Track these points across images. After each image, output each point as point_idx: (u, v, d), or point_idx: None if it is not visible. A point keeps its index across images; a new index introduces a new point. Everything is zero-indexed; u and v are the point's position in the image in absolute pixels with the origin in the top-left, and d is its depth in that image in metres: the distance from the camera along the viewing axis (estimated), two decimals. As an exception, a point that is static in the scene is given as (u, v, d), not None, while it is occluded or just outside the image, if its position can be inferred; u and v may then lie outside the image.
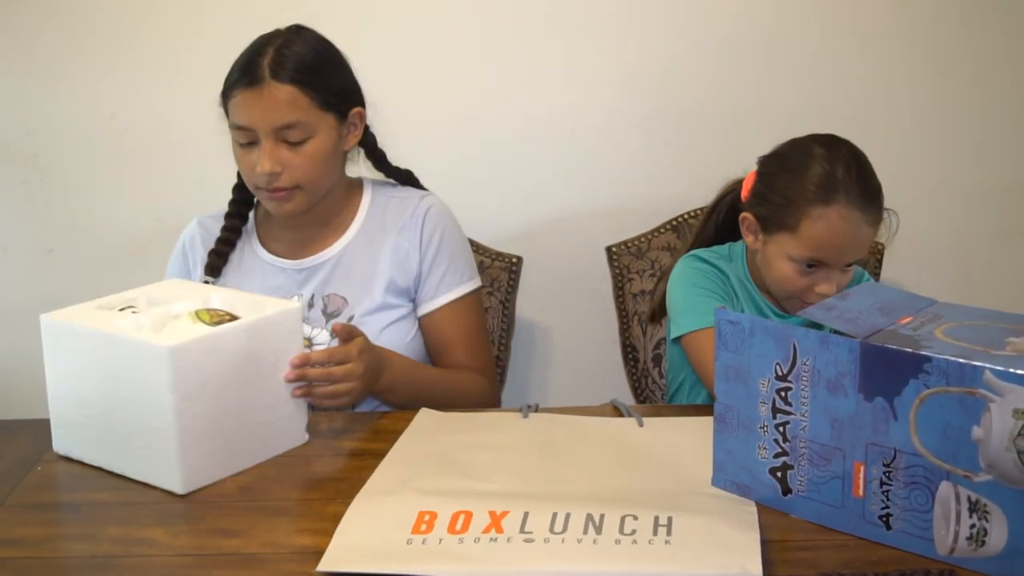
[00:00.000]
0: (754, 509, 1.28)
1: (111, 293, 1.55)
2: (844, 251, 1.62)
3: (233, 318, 1.43)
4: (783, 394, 1.27)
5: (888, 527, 1.21)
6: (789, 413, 1.27)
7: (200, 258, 1.84)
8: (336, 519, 1.26)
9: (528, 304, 2.28)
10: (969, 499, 1.14)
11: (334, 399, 1.51)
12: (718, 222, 1.83)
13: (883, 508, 1.21)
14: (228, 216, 1.83)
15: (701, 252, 1.79)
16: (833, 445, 1.24)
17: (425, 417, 1.57)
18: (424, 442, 1.48)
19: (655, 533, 1.21)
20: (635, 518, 1.24)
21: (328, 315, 1.77)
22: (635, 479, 1.37)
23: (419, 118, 1.86)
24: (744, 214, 1.71)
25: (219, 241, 1.82)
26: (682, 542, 1.19)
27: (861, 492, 1.23)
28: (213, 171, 2.29)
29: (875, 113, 2.30)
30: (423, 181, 1.91)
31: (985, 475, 1.13)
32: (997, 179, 2.37)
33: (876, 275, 2.08)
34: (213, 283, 1.77)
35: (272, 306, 1.47)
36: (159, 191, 2.34)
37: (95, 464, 1.43)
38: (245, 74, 1.67)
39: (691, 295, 1.72)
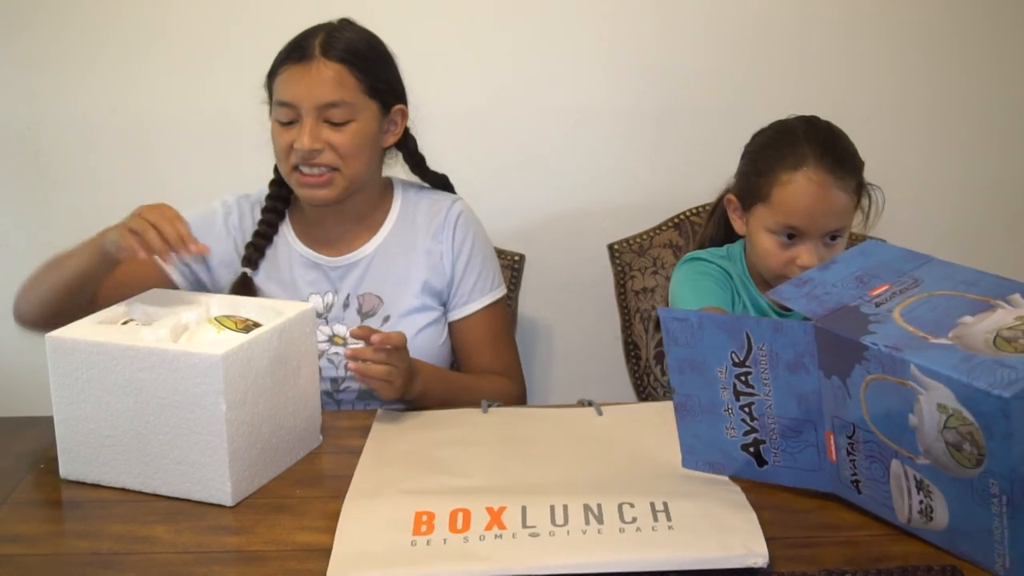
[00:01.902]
0: (739, 488, 1.32)
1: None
2: (817, 216, 1.63)
3: (256, 324, 1.42)
4: (743, 378, 1.30)
5: (859, 491, 1.26)
6: (752, 394, 1.30)
7: (237, 239, 1.82)
8: (339, 516, 1.26)
9: (530, 301, 2.28)
10: (915, 478, 1.18)
11: (380, 381, 1.52)
12: (719, 220, 1.83)
13: (852, 475, 1.26)
14: (265, 211, 1.82)
15: (701, 253, 1.80)
16: (803, 418, 1.28)
17: (386, 416, 1.57)
18: (394, 441, 1.49)
19: (656, 519, 1.23)
20: (632, 506, 1.25)
21: (363, 315, 1.77)
22: (615, 465, 1.39)
23: (420, 116, 1.86)
24: (728, 196, 1.75)
25: (256, 235, 1.80)
26: (684, 527, 1.21)
27: (835, 457, 1.27)
28: (215, 166, 2.31)
29: (875, 107, 2.31)
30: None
31: (924, 459, 1.15)
32: (994, 172, 2.37)
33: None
34: (252, 275, 1.76)
35: (290, 308, 1.45)
36: (161, 186, 2.33)
37: (117, 486, 1.38)
38: (295, 51, 1.68)
39: (692, 283, 1.74)
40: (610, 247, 2.12)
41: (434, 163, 1.89)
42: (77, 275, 1.62)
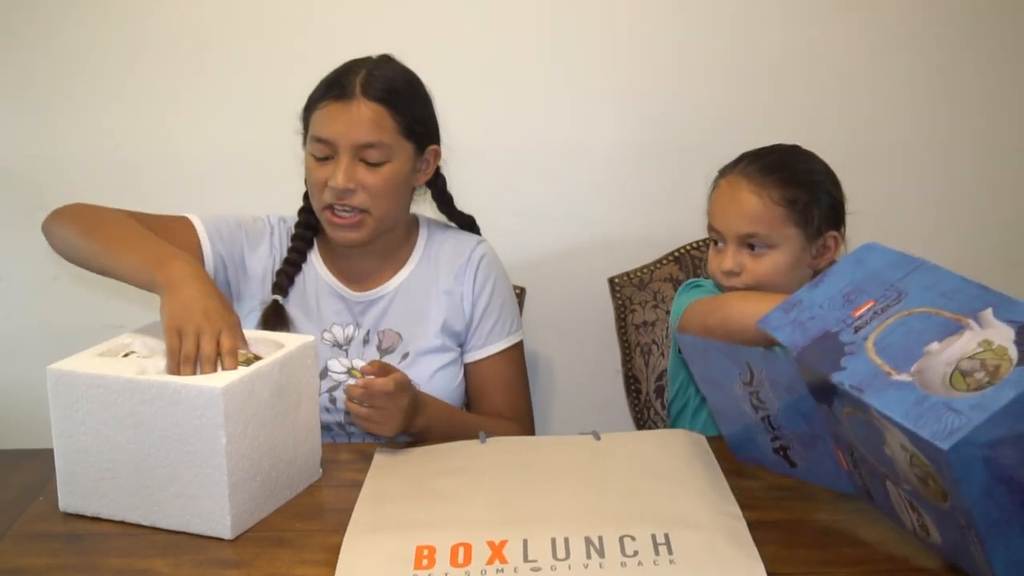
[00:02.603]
0: (740, 514, 1.32)
1: (115, 324, 1.55)
2: (726, 219, 1.68)
3: (257, 357, 1.42)
4: (755, 395, 1.35)
5: (871, 498, 1.30)
6: (766, 409, 1.35)
7: (276, 259, 1.82)
8: (339, 550, 1.25)
9: (531, 334, 2.27)
10: (907, 499, 1.20)
11: (368, 423, 1.53)
12: None
13: (863, 484, 1.29)
14: (295, 238, 1.82)
15: (701, 280, 1.82)
16: (812, 432, 1.32)
17: (386, 450, 1.57)
18: (394, 474, 1.48)
19: (657, 553, 1.22)
20: (633, 539, 1.25)
21: (383, 351, 1.77)
22: (615, 492, 1.39)
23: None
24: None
25: (287, 262, 1.80)
26: (685, 560, 1.21)
27: (847, 466, 1.31)
28: (218, 202, 2.31)
29: (878, 143, 2.32)
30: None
31: (907, 484, 1.17)
32: (1007, 211, 2.38)
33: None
34: (283, 302, 1.76)
35: (291, 341, 1.45)
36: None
37: (117, 519, 1.38)
38: (334, 88, 1.68)
39: (690, 295, 1.75)
40: (610, 281, 2.13)
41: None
42: (117, 277, 1.60)
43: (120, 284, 2.28)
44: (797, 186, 1.67)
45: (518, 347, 1.86)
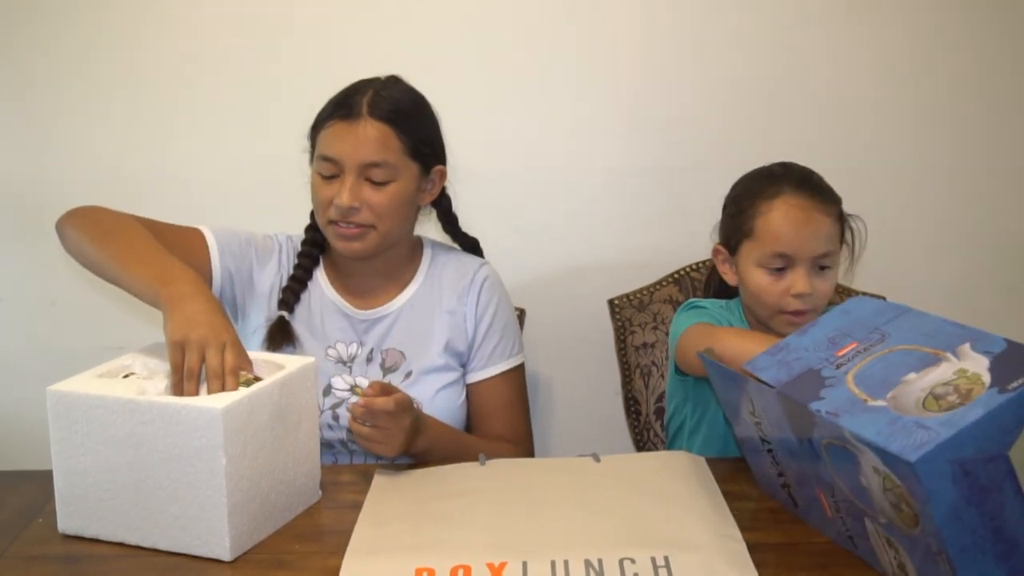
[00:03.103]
0: (740, 536, 1.32)
1: (114, 346, 1.55)
2: (803, 239, 1.64)
3: (256, 378, 1.42)
4: (759, 428, 1.36)
5: (855, 546, 1.28)
6: (768, 443, 1.36)
7: (283, 276, 1.83)
8: (338, 572, 1.25)
9: (531, 355, 2.27)
10: (884, 536, 1.19)
11: (370, 443, 1.53)
12: (718, 279, 1.84)
13: (846, 530, 1.28)
14: (301, 255, 1.83)
15: (701, 301, 1.82)
16: (801, 473, 1.32)
17: (385, 471, 1.57)
18: (393, 496, 1.48)
19: (657, 575, 1.22)
20: (633, 561, 1.25)
21: (386, 369, 1.78)
22: (615, 514, 1.38)
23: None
24: (715, 247, 1.77)
25: (292, 279, 1.81)
26: None
27: (830, 514, 1.30)
28: (216, 219, 2.31)
29: (873, 164, 2.32)
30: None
31: (882, 517, 1.17)
32: (1004, 234, 2.39)
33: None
34: (289, 319, 1.77)
35: (291, 362, 1.45)
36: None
37: (116, 540, 1.37)
38: (341, 108, 1.70)
39: (688, 320, 1.75)
40: (610, 302, 2.13)
41: (435, 217, 1.90)
42: (123, 288, 1.59)
43: (120, 306, 2.31)
44: (837, 201, 1.70)
45: (519, 369, 1.87)
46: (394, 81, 1.76)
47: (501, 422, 1.83)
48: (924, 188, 2.35)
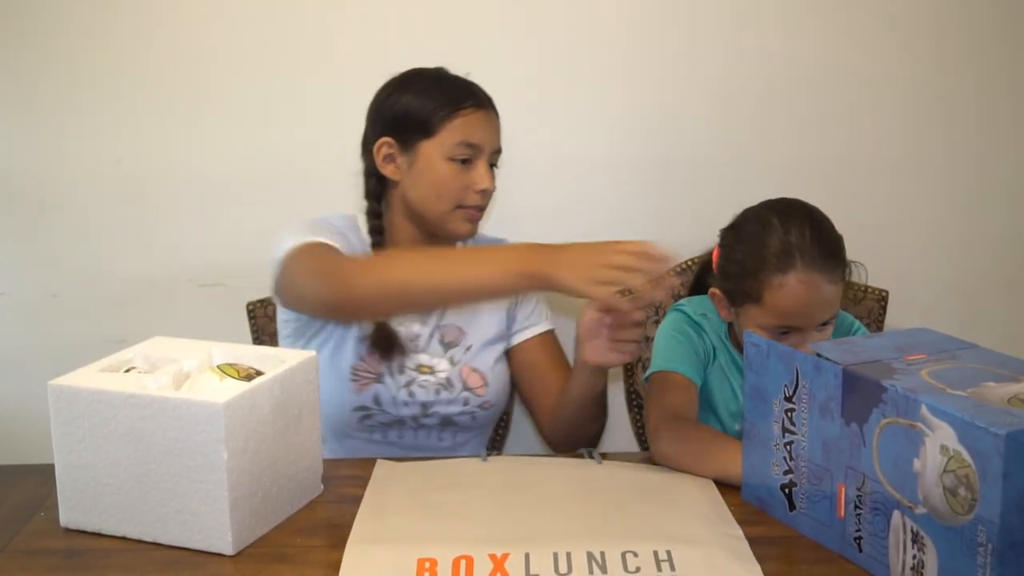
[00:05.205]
0: (742, 534, 1.33)
1: (115, 339, 1.54)
2: (811, 315, 1.61)
3: (258, 372, 1.42)
4: (789, 415, 1.36)
5: (860, 549, 1.28)
6: (793, 433, 1.35)
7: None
8: (340, 566, 1.25)
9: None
10: (912, 530, 1.19)
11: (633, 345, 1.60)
12: (704, 280, 1.86)
13: (856, 531, 1.28)
14: (374, 245, 1.83)
15: (685, 306, 1.82)
16: (824, 466, 1.31)
17: (386, 465, 1.57)
18: (394, 489, 1.48)
19: (659, 568, 1.23)
20: (635, 554, 1.25)
21: (446, 345, 1.84)
22: (617, 509, 1.39)
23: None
24: (712, 289, 1.75)
25: None
26: None
27: (843, 513, 1.29)
28: (220, 218, 2.32)
29: (870, 159, 2.32)
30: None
31: (922, 507, 1.17)
32: (1002, 227, 2.38)
33: (880, 323, 2.08)
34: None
35: (292, 357, 1.46)
36: (164, 236, 2.34)
37: (117, 534, 1.37)
38: (473, 96, 1.79)
39: (670, 341, 1.77)
40: (611, 296, 2.12)
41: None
42: (473, 295, 1.61)
43: (121, 300, 2.31)
44: (843, 255, 1.64)
45: (554, 335, 1.94)
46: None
47: (563, 374, 1.86)
48: (916, 180, 2.36)
